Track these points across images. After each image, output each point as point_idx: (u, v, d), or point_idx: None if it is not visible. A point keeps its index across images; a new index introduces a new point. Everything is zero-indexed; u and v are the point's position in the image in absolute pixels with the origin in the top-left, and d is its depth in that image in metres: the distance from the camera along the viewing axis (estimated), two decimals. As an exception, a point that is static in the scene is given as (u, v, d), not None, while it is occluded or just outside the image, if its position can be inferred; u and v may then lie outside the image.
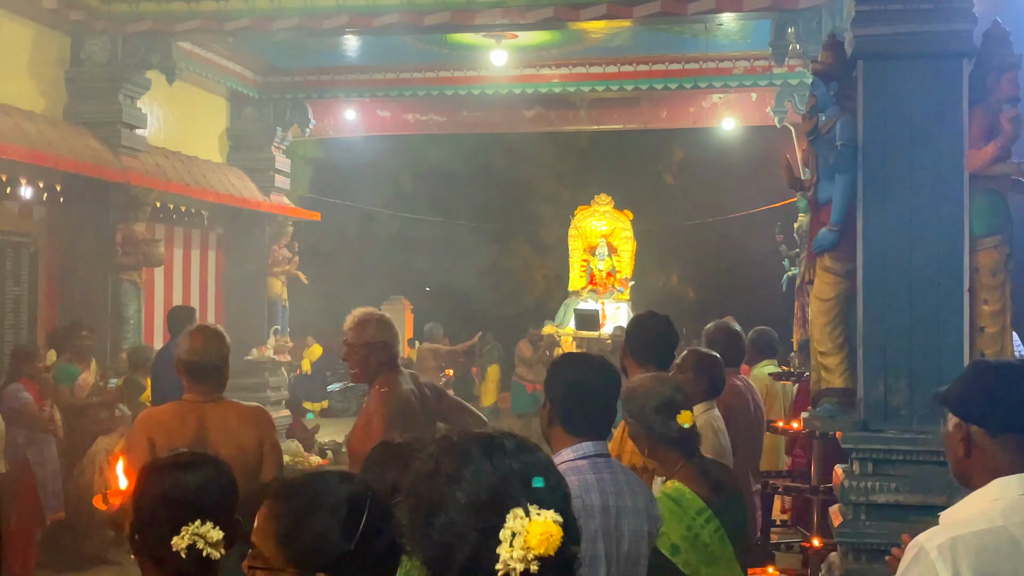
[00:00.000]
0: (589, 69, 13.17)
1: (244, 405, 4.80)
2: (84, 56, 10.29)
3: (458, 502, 1.70)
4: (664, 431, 3.72)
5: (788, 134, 13.40)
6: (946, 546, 2.33)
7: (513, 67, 12.94)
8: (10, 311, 9.69)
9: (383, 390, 5.03)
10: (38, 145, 9.19)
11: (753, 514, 6.07)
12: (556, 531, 1.66)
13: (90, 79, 10.27)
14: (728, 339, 6.13)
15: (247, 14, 10.05)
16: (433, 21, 10.06)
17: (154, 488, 2.67)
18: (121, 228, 10.26)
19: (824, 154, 6.38)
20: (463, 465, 1.73)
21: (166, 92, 11.21)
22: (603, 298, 18.58)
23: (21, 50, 9.76)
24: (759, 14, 9.57)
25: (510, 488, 1.70)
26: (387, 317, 5.29)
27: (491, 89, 13.56)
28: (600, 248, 19.04)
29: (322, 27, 10.20)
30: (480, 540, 1.67)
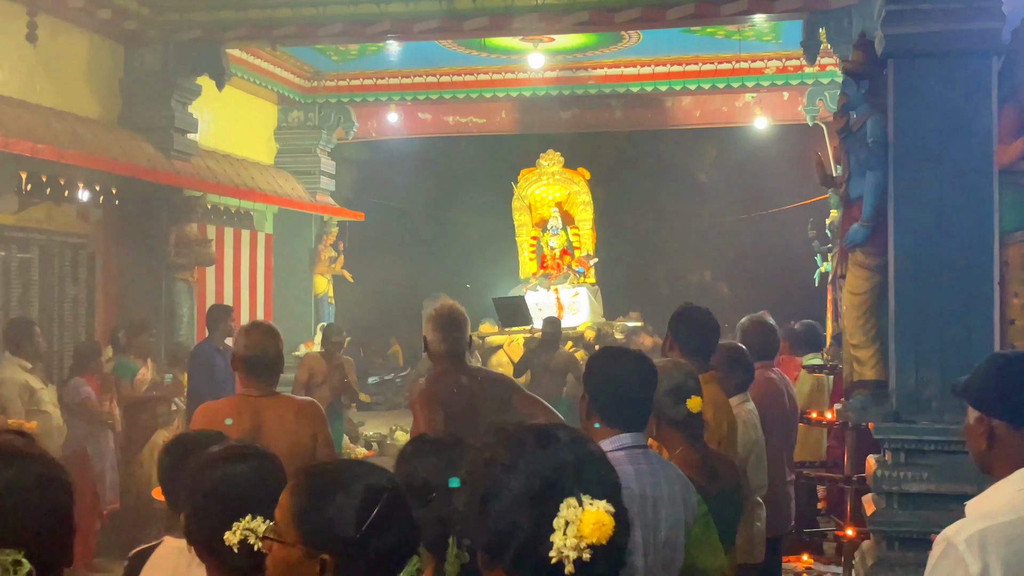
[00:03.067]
0: (624, 71, 13.36)
1: (297, 399, 4.86)
2: (137, 64, 10.59)
3: (513, 491, 1.73)
4: (672, 413, 3.77)
5: (820, 132, 13.53)
6: (974, 538, 2.30)
7: (550, 69, 13.15)
8: (69, 310, 10.02)
9: (422, 388, 5.09)
10: (94, 150, 9.50)
11: (788, 504, 6.22)
12: (608, 521, 1.69)
13: (143, 86, 10.56)
14: (763, 333, 6.16)
15: (293, 21, 10.29)
16: (472, 26, 10.26)
17: (205, 481, 2.69)
18: (174, 229, 10.56)
19: (855, 151, 6.50)
20: (518, 455, 1.76)
21: (216, 97, 11.50)
22: (556, 283, 14.72)
23: (77, 59, 10.07)
24: (790, 15, 9.71)
25: (563, 478, 1.72)
26: (440, 312, 5.23)
27: (528, 91, 13.80)
28: (553, 221, 15.17)
29: (365, 34, 10.43)
30: (534, 528, 1.70)
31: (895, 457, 6.22)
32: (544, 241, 15.18)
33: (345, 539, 2.07)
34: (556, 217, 15.09)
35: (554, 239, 15.09)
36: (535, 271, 15.12)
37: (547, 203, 15.25)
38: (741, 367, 5.27)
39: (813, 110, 12.89)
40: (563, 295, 14.36)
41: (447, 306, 5.25)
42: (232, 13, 10.25)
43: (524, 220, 15.36)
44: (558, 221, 15.09)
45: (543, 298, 14.23)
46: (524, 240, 15.42)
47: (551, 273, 14.95)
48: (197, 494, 2.70)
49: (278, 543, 2.14)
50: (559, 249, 15.07)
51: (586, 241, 15.16)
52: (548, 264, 15.06)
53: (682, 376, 3.85)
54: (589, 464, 1.78)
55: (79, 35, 10.04)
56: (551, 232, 15.11)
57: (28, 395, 7.84)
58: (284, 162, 13.85)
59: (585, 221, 15.15)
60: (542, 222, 15.30)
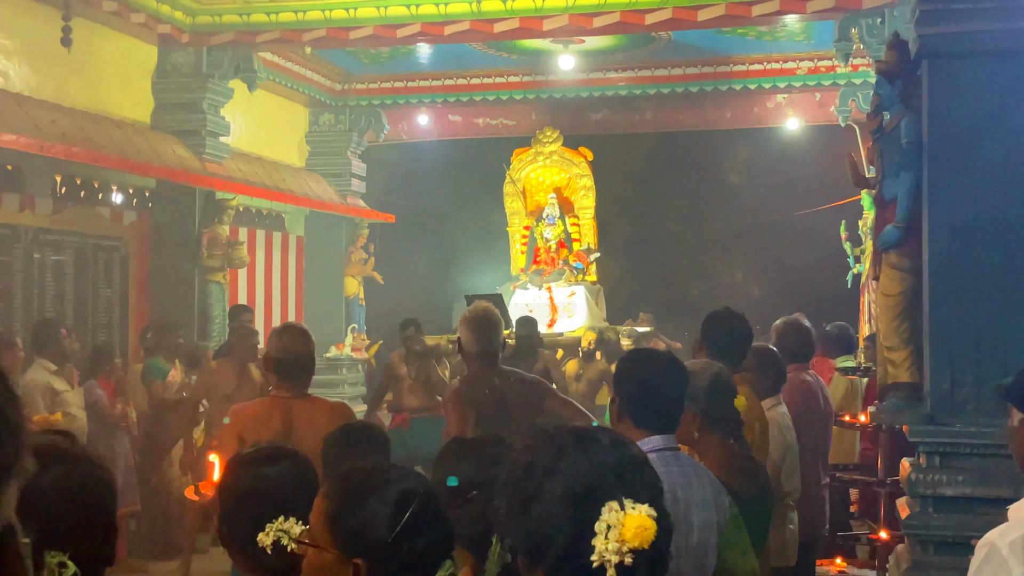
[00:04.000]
0: (655, 72, 13.33)
1: (328, 401, 4.88)
2: (170, 67, 10.70)
3: (554, 494, 1.71)
4: (718, 412, 3.76)
5: (852, 133, 13.45)
6: (1018, 542, 2.29)
7: (580, 71, 13.14)
8: (103, 312, 10.11)
9: (454, 389, 5.14)
10: (128, 153, 9.60)
11: (822, 507, 6.18)
12: (650, 525, 1.67)
13: (176, 89, 10.67)
14: (798, 335, 6.16)
15: (324, 24, 10.37)
16: (502, 28, 10.29)
17: (237, 482, 2.72)
18: (206, 231, 10.64)
19: (889, 152, 6.46)
20: (559, 458, 1.75)
21: (248, 100, 11.59)
22: (548, 281, 12.57)
23: (112, 61, 10.17)
24: (823, 15, 9.67)
25: (605, 481, 1.71)
26: (474, 313, 5.25)
27: (559, 93, 13.80)
28: (549, 208, 13.08)
29: (395, 36, 10.48)
30: (576, 532, 1.69)
31: (930, 460, 6.17)
32: (538, 232, 13.02)
33: (378, 543, 2.06)
34: (553, 204, 13.06)
35: (549, 230, 12.98)
36: (524, 266, 13.06)
37: (543, 188, 13.28)
38: (772, 369, 5.25)
39: (846, 111, 12.81)
40: (557, 295, 12.37)
41: (481, 307, 5.28)
42: (263, 17, 10.35)
43: (517, 208, 13.42)
44: (555, 209, 13.05)
45: (533, 298, 12.25)
46: (516, 231, 13.35)
47: (544, 269, 12.80)
48: (230, 495, 2.72)
49: (312, 547, 2.14)
50: (555, 241, 12.92)
51: (587, 232, 13.17)
52: (542, 258, 12.93)
53: (725, 375, 3.85)
54: (631, 467, 1.76)
55: (113, 38, 10.14)
56: (546, 222, 13.01)
57: (51, 397, 7.90)
58: (315, 165, 13.93)
59: (586, 209, 13.20)
60: (538, 210, 13.27)
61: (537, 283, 12.72)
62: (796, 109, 14.36)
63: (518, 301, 12.23)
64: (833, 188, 15.66)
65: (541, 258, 13.04)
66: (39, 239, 9.33)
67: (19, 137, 8.31)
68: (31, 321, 8.85)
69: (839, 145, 12.69)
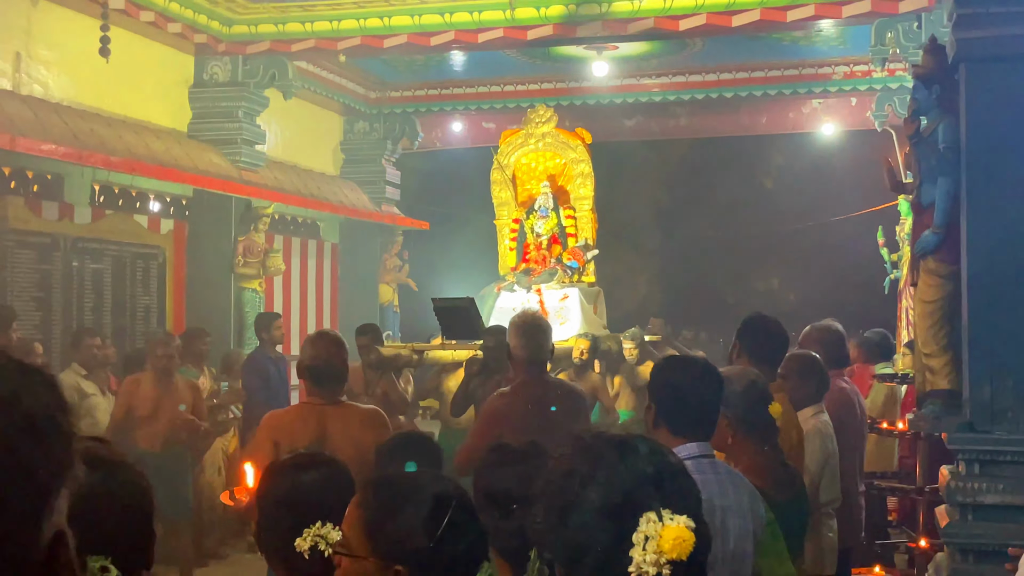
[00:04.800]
0: (689, 78, 13.30)
1: (362, 408, 4.91)
2: (207, 76, 10.80)
3: (591, 503, 1.69)
4: (752, 419, 3.72)
5: (889, 138, 13.34)
6: None
7: (614, 77, 13.14)
8: (140, 319, 10.21)
9: (494, 401, 5.16)
10: (165, 161, 9.71)
11: (859, 515, 6.13)
12: (689, 536, 1.65)
13: (212, 98, 10.78)
14: (835, 341, 6.08)
15: (358, 33, 10.43)
16: (536, 35, 10.31)
17: (275, 489, 2.74)
18: (242, 239, 10.73)
19: (927, 157, 6.40)
20: (597, 467, 1.72)
21: (283, 108, 11.68)
22: (537, 282, 10.75)
23: (149, 70, 10.28)
24: (858, 20, 9.62)
25: (643, 491, 1.69)
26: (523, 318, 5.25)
27: (592, 99, 13.80)
28: (541, 198, 11.07)
29: (430, 44, 10.53)
30: (613, 542, 1.67)
31: (969, 468, 6.11)
32: (528, 225, 11.07)
33: (418, 550, 2.07)
34: (546, 194, 11.03)
35: (541, 223, 10.95)
36: (515, 265, 11.16)
37: (535, 175, 11.35)
38: (815, 377, 5.20)
39: (882, 116, 12.72)
40: (548, 298, 10.57)
41: (530, 313, 5.32)
42: (298, 26, 10.43)
43: (506, 197, 11.40)
44: (548, 199, 11.02)
45: (520, 302, 10.47)
46: (505, 224, 11.41)
47: (534, 268, 10.87)
48: (268, 502, 2.74)
49: (349, 557, 2.13)
50: (547, 237, 10.94)
51: (584, 226, 11.23)
52: (532, 256, 10.99)
53: (761, 382, 3.82)
54: (670, 477, 1.74)
55: (150, 48, 10.25)
56: (538, 214, 11.02)
57: (78, 399, 7.98)
58: (349, 172, 14.00)
59: (583, 200, 11.25)
60: (529, 201, 11.32)
61: (525, 284, 10.67)
62: (832, 114, 14.27)
63: (503, 305, 10.47)
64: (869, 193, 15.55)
65: (531, 255, 11.00)
66: (78, 247, 9.43)
67: (58, 146, 8.43)
68: (70, 328, 8.95)
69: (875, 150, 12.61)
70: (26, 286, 8.87)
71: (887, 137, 13.29)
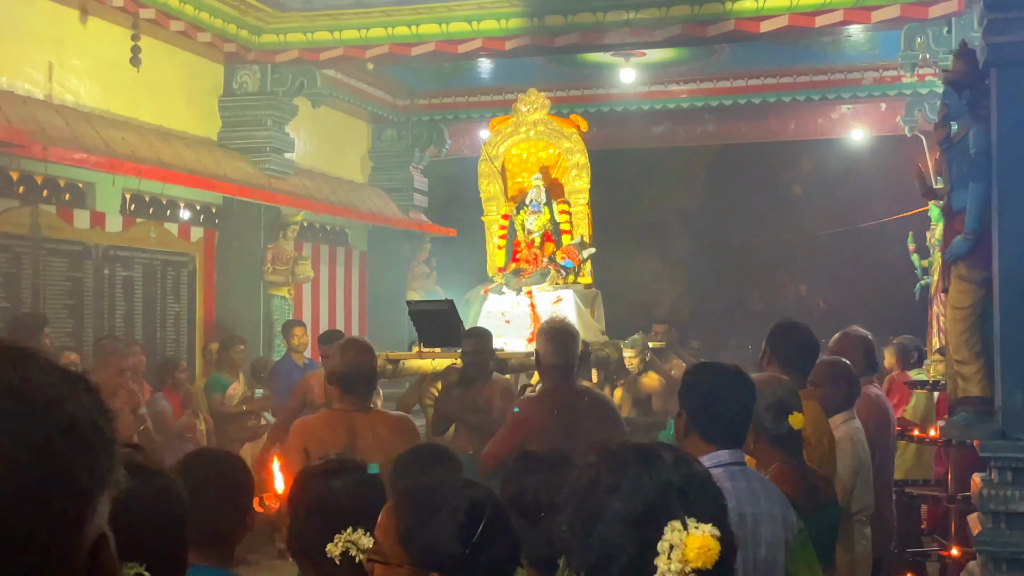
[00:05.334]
0: (717, 84, 13.26)
1: (391, 414, 4.96)
2: (236, 85, 10.88)
3: (616, 513, 1.69)
4: (773, 428, 3.70)
5: (919, 143, 13.26)
6: None
7: (641, 84, 13.12)
8: (171, 326, 10.28)
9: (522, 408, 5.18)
10: (196, 170, 9.79)
11: (892, 524, 6.08)
12: (714, 545, 1.64)
13: (241, 107, 10.85)
14: (866, 348, 6.03)
15: (386, 41, 10.48)
16: (563, 42, 10.33)
17: (306, 495, 2.77)
18: (271, 247, 10.81)
19: (957, 163, 6.37)
20: (621, 476, 1.73)
21: (312, 117, 11.75)
22: (528, 283, 9.68)
23: (179, 80, 10.37)
24: (888, 25, 9.57)
25: (668, 500, 1.69)
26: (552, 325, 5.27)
27: (620, 106, 13.78)
28: (533, 192, 9.92)
29: (457, 51, 10.56)
30: (638, 551, 1.67)
31: (1001, 476, 6.05)
32: (519, 221, 10.05)
33: (452, 556, 2.06)
34: (538, 187, 9.91)
35: (533, 218, 9.87)
36: (504, 265, 10.14)
37: (527, 166, 10.25)
38: (845, 384, 5.17)
39: (912, 121, 12.64)
40: (539, 301, 9.49)
41: (560, 320, 5.32)
42: (327, 34, 10.49)
43: (494, 191, 10.35)
44: (540, 193, 9.89)
45: (509, 305, 9.50)
46: (494, 220, 10.39)
47: (524, 268, 9.84)
48: (299, 507, 2.76)
49: (383, 564, 2.13)
50: (539, 234, 9.88)
51: (580, 223, 10.11)
52: (522, 255, 9.95)
53: (784, 392, 3.79)
54: (694, 485, 1.73)
55: (180, 57, 10.34)
56: (529, 208, 9.93)
57: None
58: (378, 180, 14.05)
59: (579, 193, 10.09)
60: (520, 195, 10.23)
61: (514, 286, 9.56)
62: (861, 120, 14.20)
63: (491, 309, 9.54)
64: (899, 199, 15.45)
65: (521, 254, 9.93)
66: (109, 255, 9.51)
67: (90, 155, 8.51)
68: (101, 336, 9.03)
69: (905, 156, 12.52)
70: (58, 294, 8.95)
71: (917, 142, 13.21)
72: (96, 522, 0.98)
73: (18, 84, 8.44)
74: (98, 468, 0.98)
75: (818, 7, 9.44)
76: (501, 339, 8.56)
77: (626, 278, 20.19)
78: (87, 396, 1.00)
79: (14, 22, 8.42)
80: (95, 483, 0.97)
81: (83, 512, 0.97)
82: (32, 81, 8.61)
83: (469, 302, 10.28)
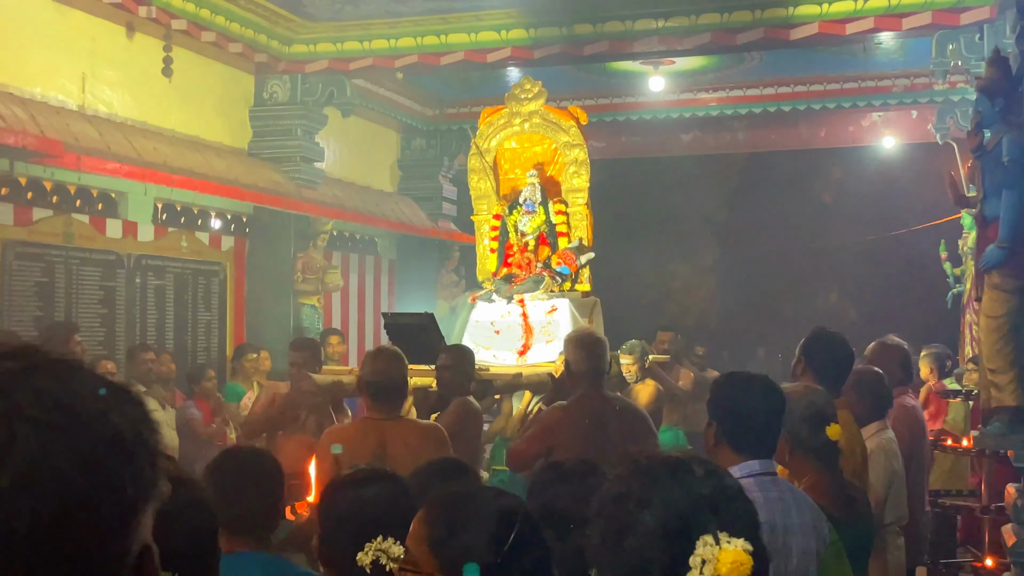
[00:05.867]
0: (746, 92, 13.20)
1: (422, 423, 4.99)
2: (267, 95, 10.95)
3: (647, 526, 1.68)
4: (809, 440, 3.69)
5: (951, 151, 13.16)
6: None
7: (670, 92, 13.09)
8: (202, 335, 10.34)
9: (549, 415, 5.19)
10: (227, 179, 9.86)
11: (924, 535, 6.04)
12: (746, 560, 1.64)
13: (272, 116, 10.92)
14: (902, 358, 6.01)
15: (415, 51, 10.51)
16: (592, 51, 10.33)
17: (335, 504, 2.79)
18: (301, 256, 10.86)
19: (990, 170, 6.33)
20: (653, 490, 1.72)
21: (341, 126, 11.81)
22: (520, 290, 8.59)
23: (211, 89, 10.44)
24: (919, 32, 9.51)
25: (700, 514, 1.68)
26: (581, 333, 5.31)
27: (649, 115, 13.75)
28: (528, 191, 8.94)
29: (486, 60, 10.58)
30: (669, 565, 1.66)
31: (1036, 487, 6.01)
32: (511, 222, 9.02)
33: (484, 565, 2.07)
34: (533, 185, 8.92)
35: (527, 219, 8.88)
36: (494, 270, 9.08)
37: (521, 162, 9.26)
38: (876, 394, 5.14)
39: (944, 128, 12.55)
40: (532, 310, 8.47)
41: (588, 329, 5.31)
42: (356, 44, 10.54)
43: (485, 189, 9.31)
44: (535, 192, 8.90)
45: (499, 314, 8.54)
46: (484, 220, 9.35)
47: (516, 274, 8.83)
48: (329, 517, 2.78)
49: (415, 573, 2.14)
50: (533, 236, 8.91)
51: (578, 224, 9.08)
52: (514, 259, 8.95)
53: (820, 402, 3.77)
54: (726, 499, 1.72)
55: (212, 68, 10.42)
56: (523, 208, 8.91)
57: None
58: (407, 189, 14.09)
59: (577, 193, 9.11)
60: (513, 193, 9.19)
61: (505, 294, 8.56)
62: (892, 127, 14.11)
63: (479, 318, 8.55)
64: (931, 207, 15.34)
65: (514, 258, 8.93)
66: (141, 264, 9.58)
67: (122, 165, 8.59)
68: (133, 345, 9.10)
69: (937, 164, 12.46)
70: (91, 303, 9.02)
71: (949, 150, 13.11)
72: (141, 534, 0.99)
73: (52, 95, 8.53)
74: (143, 480, 0.99)
75: (848, 14, 9.39)
76: (490, 351, 8.09)
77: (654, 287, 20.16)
78: (131, 408, 1.01)
79: (48, 34, 8.51)
80: (140, 495, 0.99)
81: (128, 524, 0.98)
82: (66, 92, 8.70)
83: (455, 311, 9.46)
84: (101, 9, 8.84)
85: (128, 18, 9.10)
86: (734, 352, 18.19)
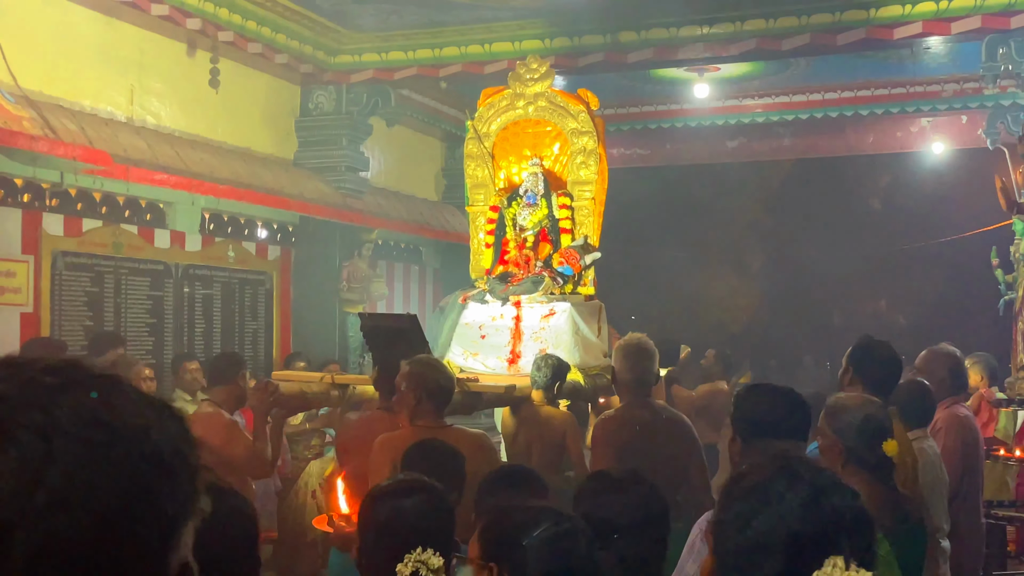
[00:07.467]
0: (792, 98, 13.12)
1: (468, 431, 4.96)
2: (312, 106, 11.03)
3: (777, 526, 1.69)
4: (865, 454, 3.64)
5: (1001, 156, 12.98)
6: None
7: (715, 99, 13.03)
8: (249, 344, 10.42)
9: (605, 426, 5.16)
10: (273, 189, 9.93)
11: (980, 545, 5.94)
12: None
13: (317, 127, 11.01)
14: (956, 366, 5.91)
15: (459, 60, 10.55)
16: (636, 58, 10.29)
17: (376, 514, 2.81)
18: (346, 265, 10.92)
19: (1043, 176, 6.24)
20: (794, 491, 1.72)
21: (386, 136, 11.87)
22: (515, 291, 7.72)
23: (257, 100, 10.54)
24: (968, 36, 9.38)
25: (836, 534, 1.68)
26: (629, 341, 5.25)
27: (694, 121, 13.71)
28: (528, 182, 8.01)
29: (530, 68, 10.58)
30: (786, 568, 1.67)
31: (1090, 498, 5.89)
32: (510, 216, 8.08)
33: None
34: (535, 175, 7.97)
35: (527, 212, 7.93)
36: (490, 267, 8.23)
37: (521, 148, 8.32)
38: (919, 403, 5.07)
39: (994, 133, 12.39)
40: (527, 314, 7.60)
41: (636, 337, 5.30)
42: (401, 54, 10.59)
43: (482, 177, 8.38)
44: (537, 183, 7.94)
45: (489, 317, 7.69)
46: (480, 213, 8.43)
47: (513, 273, 7.93)
48: (369, 527, 2.79)
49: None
50: (533, 232, 7.97)
51: (583, 220, 8.08)
52: (511, 256, 8.04)
53: (878, 416, 3.70)
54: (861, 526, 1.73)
55: (258, 78, 10.51)
56: (523, 201, 7.96)
57: None
58: (451, 198, 14.11)
59: (584, 185, 8.08)
60: (508, 187, 8.30)
61: (500, 294, 7.72)
62: (941, 133, 13.95)
63: (470, 320, 7.78)
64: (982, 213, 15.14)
65: (510, 255, 8.04)
66: (188, 274, 9.67)
67: (170, 176, 8.68)
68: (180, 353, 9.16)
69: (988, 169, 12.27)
70: (139, 312, 9.12)
71: (1000, 155, 12.93)
72: (181, 552, 0.99)
73: (101, 107, 8.64)
74: (182, 496, 0.99)
75: (896, 19, 9.29)
76: (479, 358, 7.42)
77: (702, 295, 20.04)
78: (172, 424, 1.01)
79: (97, 47, 8.62)
80: (180, 511, 0.99)
81: (168, 541, 0.98)
82: (114, 104, 8.81)
83: (444, 311, 8.65)
84: (149, 22, 8.95)
85: (176, 31, 9.20)
86: (782, 360, 18.03)
